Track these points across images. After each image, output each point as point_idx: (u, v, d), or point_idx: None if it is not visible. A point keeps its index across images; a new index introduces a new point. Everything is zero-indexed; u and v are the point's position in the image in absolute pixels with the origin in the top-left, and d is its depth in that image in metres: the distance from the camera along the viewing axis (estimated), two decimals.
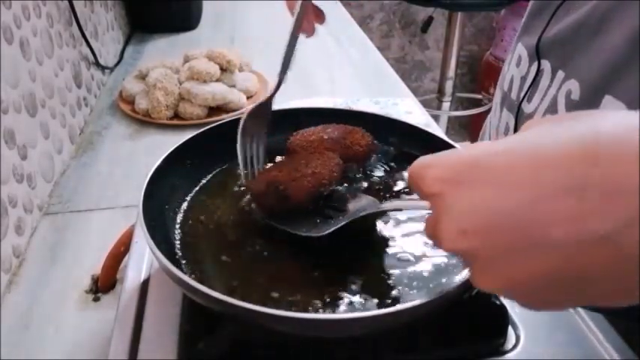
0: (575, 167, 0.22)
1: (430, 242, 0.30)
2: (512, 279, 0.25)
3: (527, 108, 0.60)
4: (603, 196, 0.22)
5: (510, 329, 0.41)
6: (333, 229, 0.42)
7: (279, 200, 0.44)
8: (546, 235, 0.23)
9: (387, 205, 0.44)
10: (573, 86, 0.53)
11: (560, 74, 0.55)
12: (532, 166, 0.24)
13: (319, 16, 0.54)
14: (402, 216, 0.48)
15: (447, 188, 0.26)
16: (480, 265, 0.26)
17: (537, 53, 0.59)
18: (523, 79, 0.61)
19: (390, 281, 0.41)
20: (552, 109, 0.56)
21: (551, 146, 0.24)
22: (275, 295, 0.40)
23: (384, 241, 0.45)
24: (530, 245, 0.23)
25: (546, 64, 0.58)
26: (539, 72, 0.58)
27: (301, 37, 0.50)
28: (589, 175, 0.22)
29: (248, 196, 0.50)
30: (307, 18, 0.51)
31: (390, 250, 0.44)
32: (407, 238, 0.45)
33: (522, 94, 0.61)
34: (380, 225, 0.47)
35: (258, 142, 0.49)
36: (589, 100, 0.50)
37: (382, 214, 0.48)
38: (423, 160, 0.28)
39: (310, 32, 0.53)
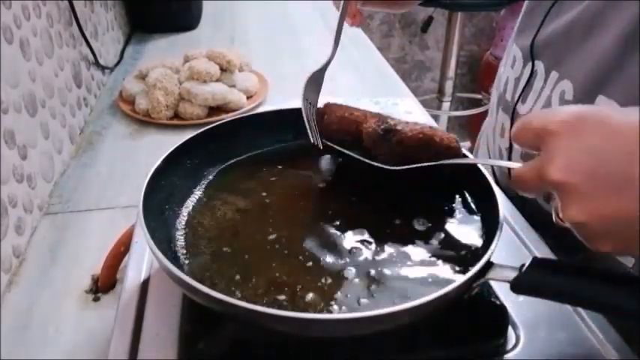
0: None
1: None
2: (600, 213, 0.30)
3: (521, 109, 0.60)
4: None
5: (510, 329, 0.42)
6: (412, 166, 0.46)
7: (387, 140, 0.47)
8: None
9: (473, 159, 0.45)
10: (567, 87, 0.53)
11: (554, 75, 0.55)
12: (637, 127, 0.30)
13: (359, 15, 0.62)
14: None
15: (567, 129, 0.32)
16: (575, 198, 0.31)
17: (531, 54, 0.59)
18: (517, 80, 0.61)
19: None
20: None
21: None
22: (277, 295, 0.40)
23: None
24: (625, 186, 0.30)
25: (540, 65, 0.57)
26: (533, 73, 0.58)
27: (302, 39, 0.51)
28: None
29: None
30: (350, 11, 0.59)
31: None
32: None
33: (517, 95, 0.61)
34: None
35: (313, 106, 0.55)
36: (582, 101, 0.50)
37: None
38: (540, 112, 0.34)
39: (356, 22, 0.61)
